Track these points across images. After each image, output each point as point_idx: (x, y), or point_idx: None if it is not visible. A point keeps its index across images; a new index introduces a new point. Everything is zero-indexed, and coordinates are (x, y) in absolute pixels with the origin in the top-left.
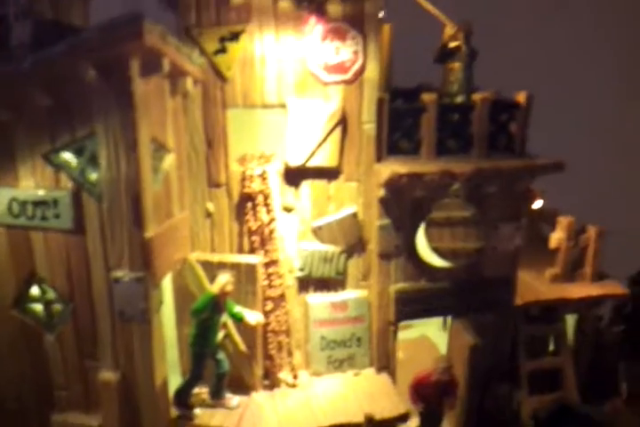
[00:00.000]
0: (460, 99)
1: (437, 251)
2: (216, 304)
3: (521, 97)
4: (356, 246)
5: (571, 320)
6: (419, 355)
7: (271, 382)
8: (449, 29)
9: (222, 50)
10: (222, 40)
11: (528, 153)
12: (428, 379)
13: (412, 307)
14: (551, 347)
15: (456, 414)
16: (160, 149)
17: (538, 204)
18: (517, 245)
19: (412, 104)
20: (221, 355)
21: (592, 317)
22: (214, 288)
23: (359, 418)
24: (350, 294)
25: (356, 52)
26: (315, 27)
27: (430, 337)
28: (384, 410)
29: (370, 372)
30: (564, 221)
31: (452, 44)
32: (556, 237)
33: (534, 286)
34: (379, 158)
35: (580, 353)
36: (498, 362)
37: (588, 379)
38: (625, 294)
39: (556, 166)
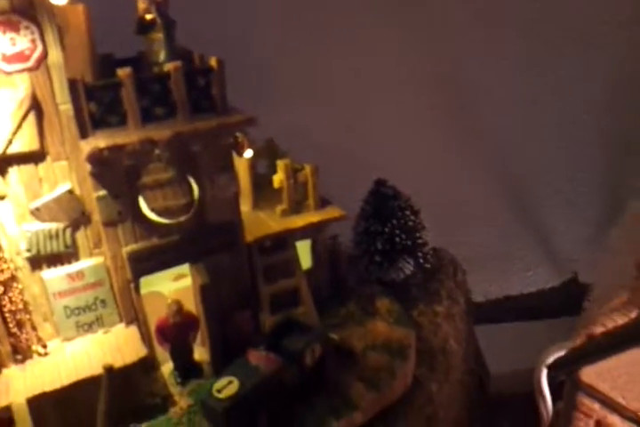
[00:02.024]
0: (167, 67)
1: (155, 211)
2: None
3: (213, 61)
4: (80, 219)
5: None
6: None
7: (23, 356)
8: (141, 3)
9: None
10: None
11: (238, 111)
12: (167, 322)
13: (148, 263)
14: None
15: (204, 345)
16: None
17: (248, 153)
18: (235, 191)
19: (107, 80)
20: None
21: (322, 239)
22: None
23: (100, 370)
24: (85, 263)
25: (33, 41)
26: None
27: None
28: (125, 357)
29: (120, 327)
30: (281, 164)
31: (148, 17)
32: (277, 178)
33: (266, 222)
34: (84, 135)
35: (316, 271)
36: (239, 293)
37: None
38: (342, 215)
39: (248, 122)
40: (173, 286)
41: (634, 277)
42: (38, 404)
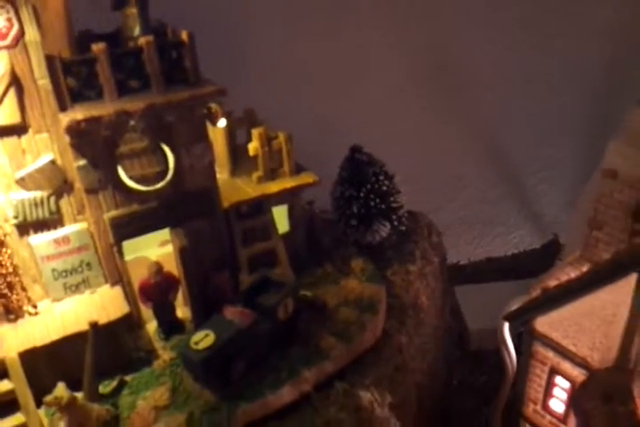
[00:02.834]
0: (140, 41)
1: (133, 178)
2: None
3: (184, 35)
4: (63, 188)
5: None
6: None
7: (15, 315)
8: None
9: None
10: None
11: (210, 82)
12: (149, 282)
13: (129, 228)
14: None
15: (186, 304)
16: None
17: (222, 123)
18: (210, 160)
19: (82, 56)
20: None
21: (298, 204)
22: None
23: (86, 326)
24: (70, 228)
25: (9, 19)
26: None
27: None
28: (109, 315)
29: (105, 288)
30: (255, 132)
31: None
32: (252, 146)
33: (243, 188)
34: (63, 108)
35: (293, 234)
36: (218, 255)
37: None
38: (316, 181)
39: (219, 92)
40: (159, 252)
41: (586, 234)
42: (30, 357)
